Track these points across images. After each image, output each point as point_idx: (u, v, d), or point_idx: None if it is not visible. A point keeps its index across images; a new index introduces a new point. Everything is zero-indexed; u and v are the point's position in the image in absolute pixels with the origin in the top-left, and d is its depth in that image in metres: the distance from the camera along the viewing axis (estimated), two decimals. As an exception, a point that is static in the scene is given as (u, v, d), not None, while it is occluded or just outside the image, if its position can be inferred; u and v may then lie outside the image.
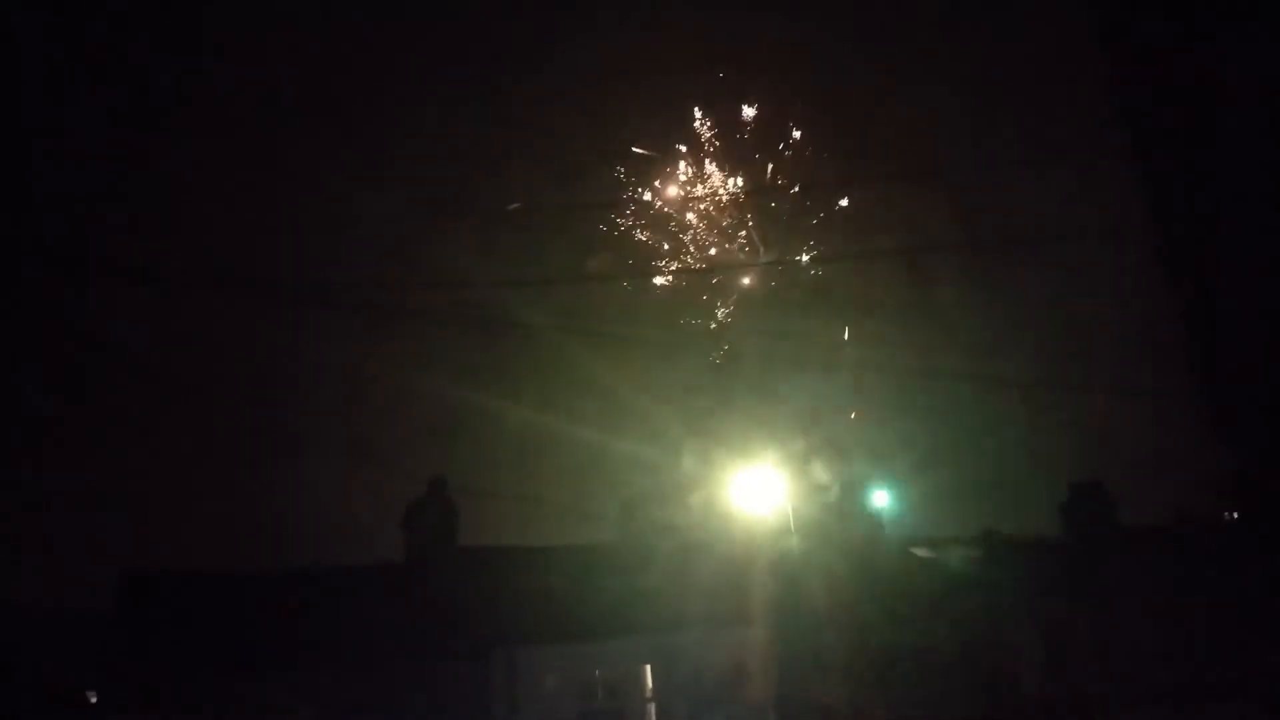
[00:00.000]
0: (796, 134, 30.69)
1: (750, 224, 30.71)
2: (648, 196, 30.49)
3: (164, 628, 16.03)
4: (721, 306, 31.73)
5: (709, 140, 30.46)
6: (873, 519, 21.69)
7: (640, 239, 30.61)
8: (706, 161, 30.72)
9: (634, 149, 30.42)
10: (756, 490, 19.25)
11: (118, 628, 16.19)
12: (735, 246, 30.95)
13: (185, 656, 15.50)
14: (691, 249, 30.78)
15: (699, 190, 30.63)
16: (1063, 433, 28.64)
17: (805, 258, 31.10)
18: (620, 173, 30.65)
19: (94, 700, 18.09)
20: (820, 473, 21.85)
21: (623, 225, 30.39)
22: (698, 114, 30.75)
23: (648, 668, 17.83)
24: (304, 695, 15.33)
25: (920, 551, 22.01)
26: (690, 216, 30.52)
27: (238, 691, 15.21)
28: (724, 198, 30.36)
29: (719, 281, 31.19)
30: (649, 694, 17.74)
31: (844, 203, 30.62)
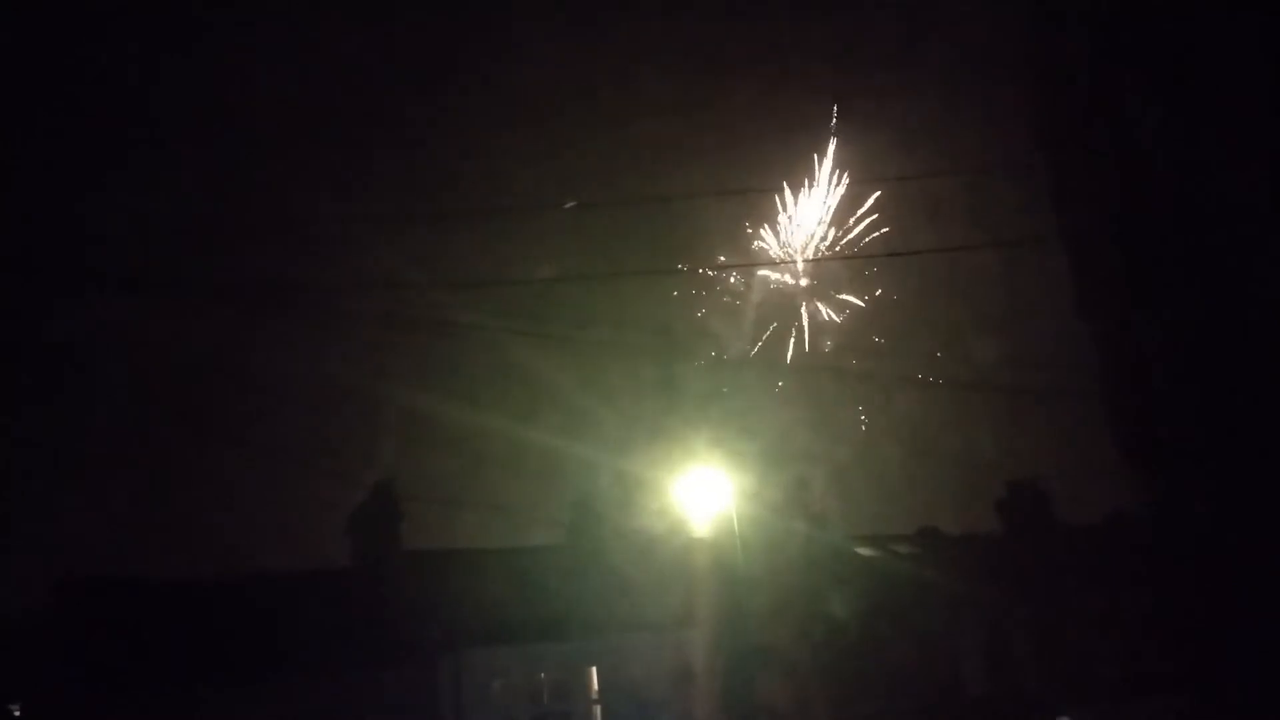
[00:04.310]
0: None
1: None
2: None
3: (100, 637, 15.51)
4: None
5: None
6: (816, 518, 21.99)
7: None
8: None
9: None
10: (702, 492, 19.35)
11: (50, 636, 15.74)
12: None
13: (122, 667, 14.99)
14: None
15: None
16: (998, 432, 29.40)
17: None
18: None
19: (17, 714, 17.42)
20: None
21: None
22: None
23: (594, 669, 17.85)
24: (246, 704, 15.04)
25: (862, 550, 22.36)
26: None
27: (177, 703, 14.86)
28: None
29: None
30: (595, 695, 17.76)
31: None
